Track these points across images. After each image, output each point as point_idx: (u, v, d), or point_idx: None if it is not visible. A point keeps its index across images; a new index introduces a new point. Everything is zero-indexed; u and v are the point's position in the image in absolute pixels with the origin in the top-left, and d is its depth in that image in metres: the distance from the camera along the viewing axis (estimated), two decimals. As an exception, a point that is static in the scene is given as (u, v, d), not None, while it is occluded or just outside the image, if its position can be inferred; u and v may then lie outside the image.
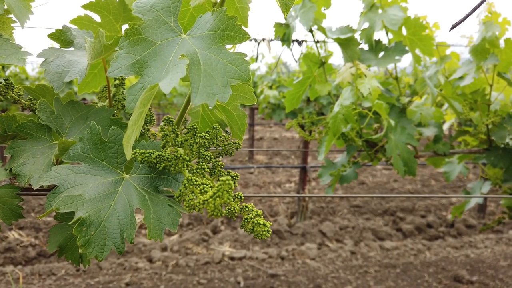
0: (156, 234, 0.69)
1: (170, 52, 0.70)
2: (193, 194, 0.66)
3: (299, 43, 2.03)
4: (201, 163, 0.72)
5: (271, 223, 0.68)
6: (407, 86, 3.55)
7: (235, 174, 0.80)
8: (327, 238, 5.41)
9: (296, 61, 2.04)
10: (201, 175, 0.72)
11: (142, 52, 0.72)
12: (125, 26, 1.22)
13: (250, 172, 7.92)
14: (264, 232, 0.67)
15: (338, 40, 1.94)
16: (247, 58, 0.66)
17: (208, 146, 0.79)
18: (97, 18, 1.19)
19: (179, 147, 0.75)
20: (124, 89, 1.01)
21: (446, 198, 6.53)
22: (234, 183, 0.79)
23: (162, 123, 0.76)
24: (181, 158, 0.71)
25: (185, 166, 0.72)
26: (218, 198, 0.57)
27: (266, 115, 5.72)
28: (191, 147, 0.74)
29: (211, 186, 0.65)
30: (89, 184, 0.75)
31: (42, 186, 0.83)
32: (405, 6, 1.98)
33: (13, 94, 0.97)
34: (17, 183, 0.88)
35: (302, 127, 4.01)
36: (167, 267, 4.58)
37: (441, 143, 2.01)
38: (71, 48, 1.03)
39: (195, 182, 0.66)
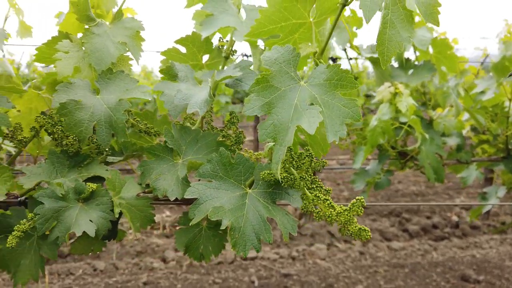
0: (286, 238, 0.92)
1: (293, 96, 0.94)
2: (316, 207, 0.90)
3: (334, 60, 2.27)
4: (317, 182, 0.96)
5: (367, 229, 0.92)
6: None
7: (328, 189, 1.03)
8: (336, 239, 5.62)
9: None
10: (320, 192, 0.95)
11: (270, 95, 0.95)
12: (205, 56, 1.45)
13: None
14: (368, 236, 0.91)
15: (371, 59, 2.18)
16: (357, 102, 0.90)
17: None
18: (183, 50, 1.42)
19: (295, 169, 0.98)
20: (237, 127, 1.24)
21: (451, 199, 6.77)
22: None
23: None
24: (305, 179, 0.95)
25: (305, 184, 0.96)
26: (351, 212, 0.81)
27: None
28: (307, 170, 0.97)
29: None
30: (223, 198, 0.99)
31: (176, 198, 1.06)
32: (430, 26, 2.22)
33: (134, 122, 1.20)
34: (150, 195, 1.11)
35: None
36: (182, 267, 4.77)
37: (463, 152, 2.26)
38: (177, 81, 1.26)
39: (321, 198, 0.90)
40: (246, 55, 2.38)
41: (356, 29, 2.28)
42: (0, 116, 1.04)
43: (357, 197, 0.82)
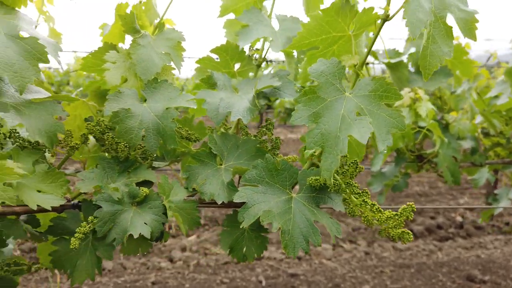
0: (334, 239, 0.99)
1: (339, 106, 1.01)
2: (362, 212, 0.97)
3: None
4: (364, 189, 1.03)
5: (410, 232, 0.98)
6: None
7: (367, 191, 1.10)
8: (341, 239, 5.68)
9: (348, 81, 2.34)
10: (366, 197, 1.02)
11: (317, 106, 1.02)
12: (237, 64, 1.52)
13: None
14: (410, 239, 0.98)
15: (388, 64, 2.25)
16: (402, 113, 0.97)
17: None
18: (216, 58, 1.49)
19: (339, 175, 1.05)
20: (272, 133, 1.31)
21: (454, 200, 6.84)
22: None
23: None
24: (352, 185, 1.02)
25: (352, 190, 1.03)
26: (402, 216, 0.88)
27: (281, 119, 6.06)
28: (352, 176, 1.04)
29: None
30: (271, 202, 1.06)
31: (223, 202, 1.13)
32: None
33: (183, 133, 1.26)
34: (193, 198, 1.18)
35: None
36: (189, 266, 4.82)
37: (477, 155, 2.33)
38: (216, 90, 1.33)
39: (368, 203, 0.97)
40: (266, 60, 2.44)
41: (373, 35, 2.34)
42: (57, 124, 1.10)
43: (408, 203, 0.90)
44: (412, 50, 2.31)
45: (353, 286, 4.57)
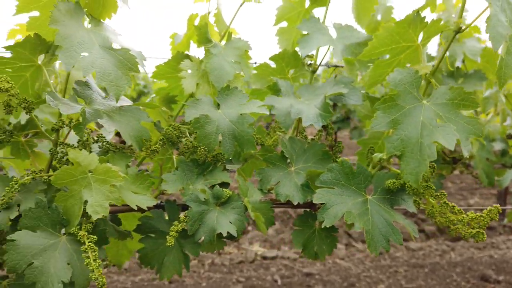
0: (413, 238, 1.07)
1: (418, 114, 1.09)
2: (442, 213, 1.05)
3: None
4: (441, 191, 1.11)
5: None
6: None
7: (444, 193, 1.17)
8: (353, 239, 5.75)
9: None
10: (445, 199, 1.10)
11: (396, 113, 1.10)
12: (291, 71, 1.59)
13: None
14: (484, 238, 1.05)
15: (423, 67, 2.32)
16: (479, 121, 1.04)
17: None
18: (272, 64, 1.56)
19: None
20: (332, 137, 1.38)
21: (464, 200, 6.92)
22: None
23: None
24: (430, 187, 1.10)
25: (430, 193, 1.10)
26: (487, 217, 0.96)
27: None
28: (428, 178, 1.12)
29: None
30: (348, 203, 1.13)
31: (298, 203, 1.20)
32: (478, 37, 2.37)
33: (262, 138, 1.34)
34: (266, 198, 1.26)
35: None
36: (204, 265, 4.88)
37: (508, 156, 2.41)
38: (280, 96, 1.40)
39: (449, 205, 1.04)
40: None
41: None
42: (143, 129, 1.17)
43: (494, 205, 0.98)
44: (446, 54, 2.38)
45: (368, 285, 4.63)
